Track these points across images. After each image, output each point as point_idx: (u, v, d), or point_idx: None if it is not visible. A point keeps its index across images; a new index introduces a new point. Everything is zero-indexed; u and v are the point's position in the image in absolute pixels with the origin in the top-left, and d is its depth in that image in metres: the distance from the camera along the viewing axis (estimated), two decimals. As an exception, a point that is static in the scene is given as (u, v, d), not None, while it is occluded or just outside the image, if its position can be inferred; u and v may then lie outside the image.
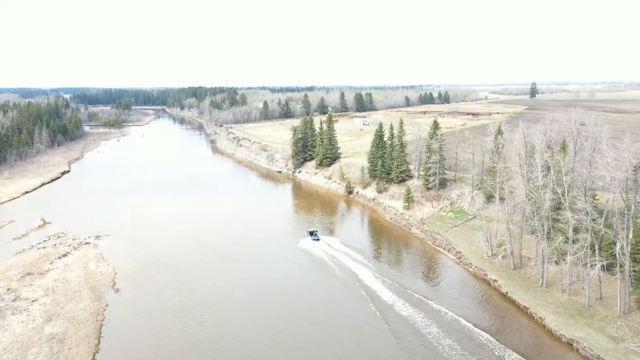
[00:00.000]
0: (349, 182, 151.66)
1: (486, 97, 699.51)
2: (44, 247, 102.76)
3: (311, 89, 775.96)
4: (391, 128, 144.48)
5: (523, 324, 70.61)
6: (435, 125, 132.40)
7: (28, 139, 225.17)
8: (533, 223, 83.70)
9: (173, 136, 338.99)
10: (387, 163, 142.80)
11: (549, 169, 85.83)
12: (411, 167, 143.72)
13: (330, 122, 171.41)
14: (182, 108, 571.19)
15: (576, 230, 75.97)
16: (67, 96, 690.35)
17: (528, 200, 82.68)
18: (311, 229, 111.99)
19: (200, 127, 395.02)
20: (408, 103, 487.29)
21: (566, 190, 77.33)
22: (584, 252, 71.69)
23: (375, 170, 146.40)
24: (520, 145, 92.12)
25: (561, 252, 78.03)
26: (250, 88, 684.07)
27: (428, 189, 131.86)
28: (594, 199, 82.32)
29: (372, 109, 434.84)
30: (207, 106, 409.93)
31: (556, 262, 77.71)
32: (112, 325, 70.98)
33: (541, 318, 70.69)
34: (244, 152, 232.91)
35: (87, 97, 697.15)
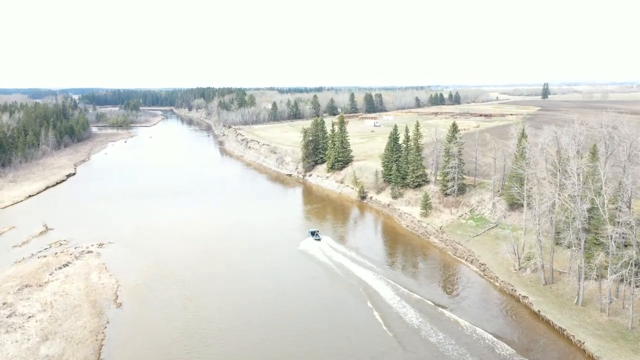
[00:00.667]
0: (362, 186, 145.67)
1: (497, 98, 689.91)
2: (45, 256, 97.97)
3: (320, 89, 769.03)
4: (406, 130, 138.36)
5: (561, 349, 64.30)
6: (454, 128, 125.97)
7: (34, 141, 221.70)
8: (567, 235, 77.22)
9: (181, 137, 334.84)
10: (402, 167, 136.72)
11: (578, 175, 79.51)
12: (427, 171, 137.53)
13: (342, 124, 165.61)
14: (190, 109, 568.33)
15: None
16: (76, 97, 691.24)
17: (563, 211, 76.20)
18: (312, 229, 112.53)
19: (208, 128, 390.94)
20: (418, 104, 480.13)
21: (606, 201, 70.82)
22: (629, 269, 65.20)
23: (390, 175, 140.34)
24: (552, 150, 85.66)
25: (600, 267, 71.54)
26: (258, 89, 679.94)
27: (446, 194, 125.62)
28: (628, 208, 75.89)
29: (382, 109, 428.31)
30: (216, 107, 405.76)
31: (595, 279, 71.34)
32: (112, 345, 65.68)
33: (580, 341, 64.40)
34: (252, 154, 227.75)
35: (95, 98, 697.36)
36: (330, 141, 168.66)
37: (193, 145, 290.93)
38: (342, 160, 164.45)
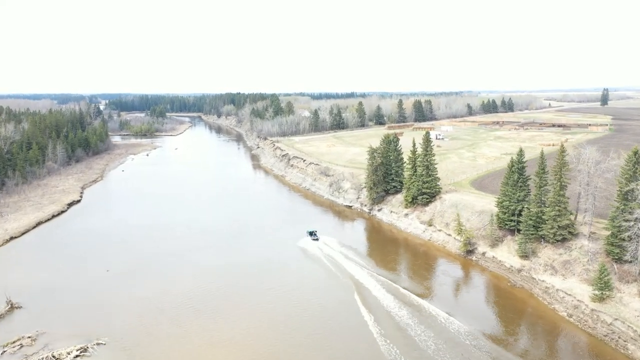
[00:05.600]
0: (468, 236, 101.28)
1: (549, 104, 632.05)
2: (-15, 379, 57.93)
3: (351, 95, 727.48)
4: (542, 157, 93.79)
5: None
6: (637, 157, 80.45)
7: (38, 156, 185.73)
8: None
9: (209, 149, 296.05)
10: (533, 211, 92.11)
11: None
12: (571, 217, 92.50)
13: (428, 142, 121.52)
14: (219, 116, 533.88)
15: None
16: (104, 102, 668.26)
17: None
18: (310, 229, 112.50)
19: (239, 138, 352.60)
20: (470, 112, 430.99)
21: None
22: None
23: (512, 221, 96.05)
24: None
25: None
26: (288, 94, 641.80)
27: (619, 260, 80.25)
28: None
29: (432, 118, 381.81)
30: (248, 115, 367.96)
31: None
32: None
33: None
34: (296, 175, 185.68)
35: (122, 104, 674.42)
36: (410, 166, 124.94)
37: (223, 160, 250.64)
38: (428, 193, 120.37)
